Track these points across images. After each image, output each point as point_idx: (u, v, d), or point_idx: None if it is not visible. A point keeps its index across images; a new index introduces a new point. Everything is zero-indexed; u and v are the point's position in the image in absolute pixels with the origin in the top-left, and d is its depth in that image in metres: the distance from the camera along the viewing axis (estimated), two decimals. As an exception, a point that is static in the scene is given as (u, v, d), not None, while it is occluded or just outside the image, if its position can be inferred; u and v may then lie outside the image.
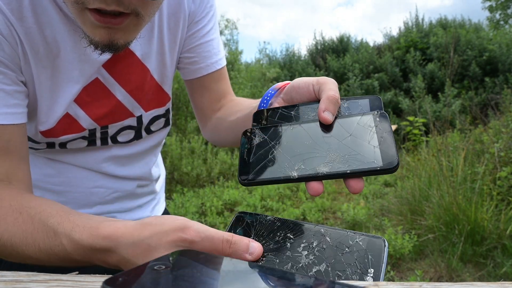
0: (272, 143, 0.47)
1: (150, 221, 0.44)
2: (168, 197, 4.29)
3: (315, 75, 10.91)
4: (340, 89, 10.60)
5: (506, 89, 6.26)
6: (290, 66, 11.58)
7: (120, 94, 0.69)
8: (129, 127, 0.74)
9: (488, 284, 0.36)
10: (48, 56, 0.61)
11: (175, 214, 3.71)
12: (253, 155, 0.48)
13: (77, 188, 0.73)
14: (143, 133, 0.77)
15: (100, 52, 0.53)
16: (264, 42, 18.84)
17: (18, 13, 0.56)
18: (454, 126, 5.61)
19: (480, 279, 2.43)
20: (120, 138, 0.74)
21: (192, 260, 0.36)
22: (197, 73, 0.80)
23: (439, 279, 2.50)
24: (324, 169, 0.41)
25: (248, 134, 0.51)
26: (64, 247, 0.48)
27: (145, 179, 0.83)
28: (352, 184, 0.42)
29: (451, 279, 2.47)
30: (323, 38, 12.81)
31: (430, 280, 2.51)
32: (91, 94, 0.66)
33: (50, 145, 0.69)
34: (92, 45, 0.52)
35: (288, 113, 0.51)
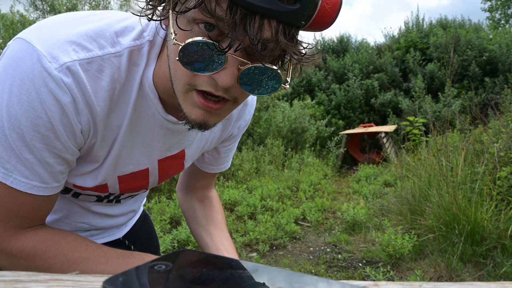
0: None
1: None
2: (168, 197, 4.29)
3: (315, 75, 10.92)
4: (340, 89, 10.43)
5: (506, 89, 6.25)
6: (290, 66, 11.56)
7: (153, 179, 0.76)
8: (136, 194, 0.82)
9: (488, 284, 0.37)
10: (113, 142, 0.64)
11: (175, 214, 3.71)
12: None
13: (65, 219, 0.77)
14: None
15: (189, 128, 0.58)
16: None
17: (109, 106, 0.59)
18: (454, 126, 5.61)
19: (480, 279, 2.43)
20: (123, 200, 0.82)
21: (192, 260, 0.36)
22: (205, 168, 0.92)
23: (439, 279, 2.51)
24: None
25: None
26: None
27: (133, 211, 0.90)
28: None
29: (450, 279, 2.47)
30: (323, 38, 12.81)
31: (430, 280, 2.51)
32: (133, 177, 0.72)
33: (67, 190, 0.73)
34: (186, 122, 0.57)
35: None
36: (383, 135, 7.28)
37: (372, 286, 0.35)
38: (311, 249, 3.29)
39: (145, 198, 1.01)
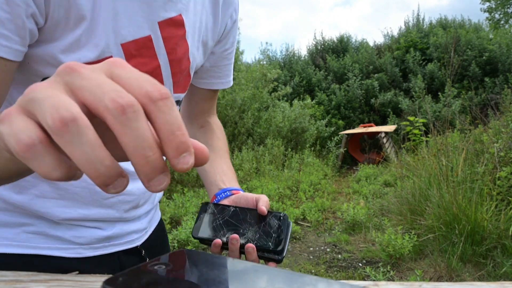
0: (218, 216, 0.74)
1: None
2: (168, 197, 4.29)
3: (315, 75, 10.93)
4: (340, 89, 10.41)
5: (506, 89, 6.26)
6: (290, 67, 11.58)
7: (163, 60, 0.69)
8: None
9: (488, 284, 0.37)
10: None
11: (175, 214, 3.71)
12: (204, 220, 0.74)
13: (80, 183, 0.69)
14: None
15: None
16: (266, 43, 18.84)
17: None
18: (454, 126, 5.61)
19: (480, 279, 2.44)
20: None
21: (192, 260, 0.36)
22: (206, 84, 0.86)
23: (439, 279, 2.51)
24: (241, 241, 0.67)
25: (205, 205, 0.76)
26: None
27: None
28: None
29: (451, 279, 2.47)
30: (323, 38, 12.81)
31: (430, 280, 2.51)
32: (139, 49, 0.66)
33: None
34: None
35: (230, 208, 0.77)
36: (383, 135, 7.28)
37: (372, 286, 0.35)
38: (311, 249, 3.29)
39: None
